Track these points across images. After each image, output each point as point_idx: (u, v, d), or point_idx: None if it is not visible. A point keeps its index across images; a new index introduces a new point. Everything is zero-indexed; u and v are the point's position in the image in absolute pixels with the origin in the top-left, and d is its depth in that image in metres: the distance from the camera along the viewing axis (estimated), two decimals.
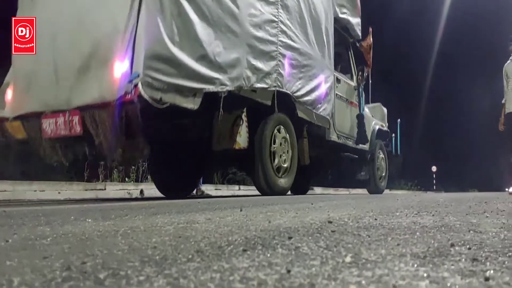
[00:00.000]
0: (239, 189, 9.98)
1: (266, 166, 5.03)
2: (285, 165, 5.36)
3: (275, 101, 5.11)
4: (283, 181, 5.30)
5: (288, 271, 0.79)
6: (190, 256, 0.96)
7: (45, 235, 1.36)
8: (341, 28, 6.99)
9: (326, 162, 7.37)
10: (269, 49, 5.02)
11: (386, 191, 8.95)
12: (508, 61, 6.42)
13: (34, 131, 4.29)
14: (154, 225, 1.65)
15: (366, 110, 7.82)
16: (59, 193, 5.87)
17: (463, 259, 0.90)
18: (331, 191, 12.27)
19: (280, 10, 5.22)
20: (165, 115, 4.08)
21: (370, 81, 7.70)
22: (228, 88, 4.35)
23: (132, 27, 3.68)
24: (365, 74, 7.47)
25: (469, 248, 1.03)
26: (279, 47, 5.18)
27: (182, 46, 3.90)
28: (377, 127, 8.30)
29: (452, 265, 0.84)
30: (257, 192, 5.49)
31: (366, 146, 7.72)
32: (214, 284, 0.71)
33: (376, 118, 8.55)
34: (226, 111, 4.49)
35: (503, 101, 6.55)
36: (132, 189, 7.12)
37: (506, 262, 0.86)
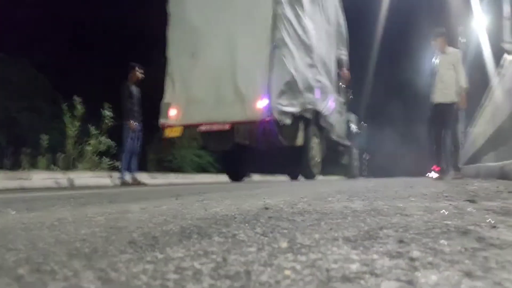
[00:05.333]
0: (176, 177, 9.84)
1: (309, 160, 8.60)
2: (318, 160, 9.11)
3: (313, 116, 8.74)
4: (316, 170, 9.00)
5: (224, 259, 0.79)
6: (122, 248, 0.92)
7: None
8: (336, 61, 10.97)
9: (332, 153, 10.98)
10: (313, 84, 8.66)
11: (320, 177, 9.90)
12: (434, 56, 6.69)
13: (192, 130, 7.86)
14: (84, 216, 1.58)
15: (351, 117, 12.51)
16: None
17: (391, 242, 0.94)
18: (269, 177, 12.47)
19: (317, 64, 9.11)
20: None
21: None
22: (298, 109, 7.88)
23: (268, 76, 7.22)
24: (350, 95, 12.08)
25: (396, 231, 1.09)
26: (316, 82, 8.88)
27: (289, 84, 7.65)
28: (354, 130, 12.74)
29: (381, 247, 0.88)
30: (192, 181, 5.62)
31: (348, 143, 11.99)
32: (147, 276, 0.68)
33: (352, 122, 12.68)
34: (291, 121, 7.76)
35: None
36: (60, 177, 6.75)
37: (430, 243, 0.91)
